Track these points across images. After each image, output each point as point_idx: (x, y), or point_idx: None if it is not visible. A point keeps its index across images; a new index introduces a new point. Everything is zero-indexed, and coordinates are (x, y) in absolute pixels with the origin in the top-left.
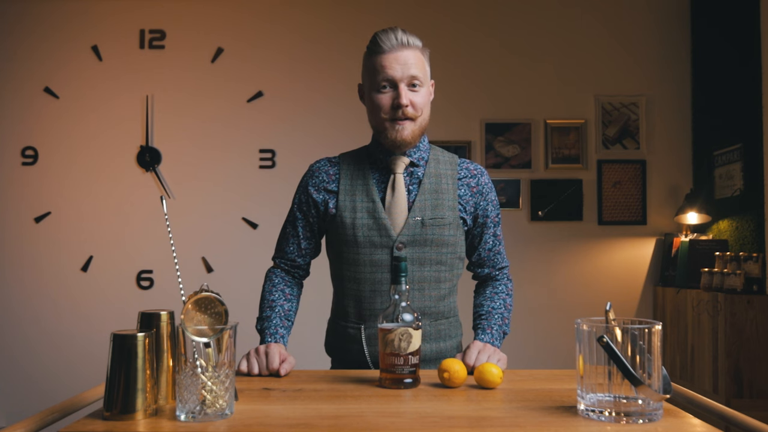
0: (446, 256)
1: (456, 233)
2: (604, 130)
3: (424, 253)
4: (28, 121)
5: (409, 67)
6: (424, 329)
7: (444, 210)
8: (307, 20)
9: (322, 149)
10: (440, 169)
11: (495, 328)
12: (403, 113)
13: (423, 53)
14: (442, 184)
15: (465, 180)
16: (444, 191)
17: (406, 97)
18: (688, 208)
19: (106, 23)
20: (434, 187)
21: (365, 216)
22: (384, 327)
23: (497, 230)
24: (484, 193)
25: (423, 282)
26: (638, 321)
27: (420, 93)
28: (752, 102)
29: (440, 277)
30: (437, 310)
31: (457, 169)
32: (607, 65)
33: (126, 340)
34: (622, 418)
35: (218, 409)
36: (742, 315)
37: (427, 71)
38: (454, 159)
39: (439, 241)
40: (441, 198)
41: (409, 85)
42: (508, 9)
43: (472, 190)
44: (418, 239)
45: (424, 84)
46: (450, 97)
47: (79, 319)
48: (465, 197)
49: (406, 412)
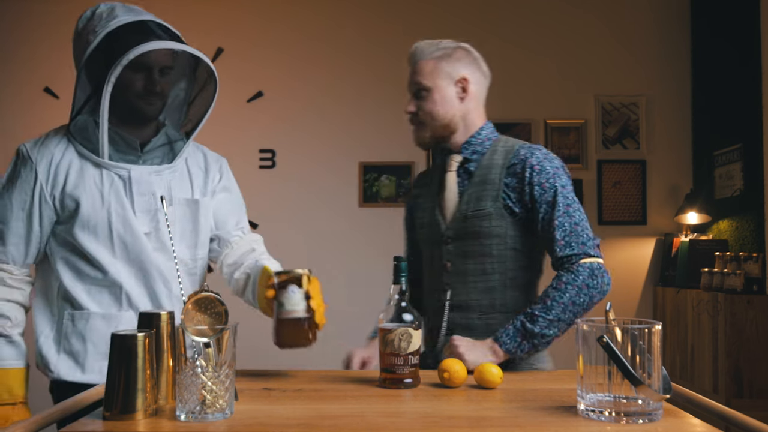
0: (492, 247)
1: (502, 224)
2: (604, 130)
3: (467, 246)
4: (28, 121)
5: (416, 77)
6: (472, 323)
7: (486, 201)
8: (307, 20)
9: (322, 149)
10: (493, 160)
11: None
12: (410, 120)
13: (439, 61)
14: (490, 175)
15: (513, 167)
16: (490, 182)
17: (411, 106)
18: (688, 208)
19: None
20: (481, 179)
21: (426, 215)
22: (384, 327)
23: (553, 214)
24: (528, 176)
25: (467, 275)
26: (638, 321)
27: (427, 99)
28: (752, 102)
29: (486, 269)
30: (486, 303)
31: (510, 157)
32: (607, 65)
33: (126, 340)
34: (622, 418)
35: (218, 409)
36: (742, 315)
37: (445, 75)
38: (512, 147)
39: (481, 233)
40: (486, 189)
41: (415, 93)
42: (508, 9)
43: (518, 176)
44: (461, 233)
45: (434, 90)
46: None
47: None
48: (511, 185)
49: (406, 412)
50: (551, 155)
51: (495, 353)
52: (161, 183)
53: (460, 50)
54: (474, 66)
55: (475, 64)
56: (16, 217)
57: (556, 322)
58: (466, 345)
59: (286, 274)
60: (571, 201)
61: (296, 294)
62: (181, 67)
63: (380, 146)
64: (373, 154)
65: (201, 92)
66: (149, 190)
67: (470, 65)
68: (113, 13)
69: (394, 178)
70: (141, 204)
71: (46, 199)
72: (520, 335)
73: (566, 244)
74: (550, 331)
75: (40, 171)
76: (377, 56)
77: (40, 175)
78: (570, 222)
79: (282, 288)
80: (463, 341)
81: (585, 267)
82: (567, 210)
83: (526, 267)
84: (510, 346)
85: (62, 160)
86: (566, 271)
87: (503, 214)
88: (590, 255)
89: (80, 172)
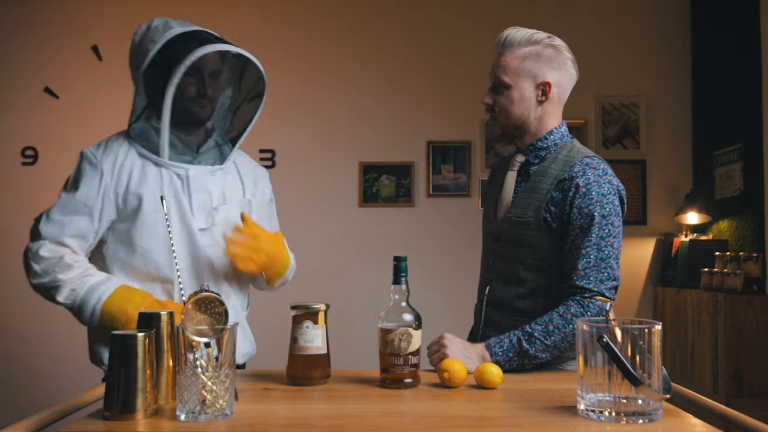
0: (527, 256)
1: (538, 235)
2: (604, 130)
3: (507, 249)
4: (28, 121)
5: (498, 70)
6: (502, 321)
7: (530, 210)
8: (307, 20)
9: (322, 149)
10: (550, 169)
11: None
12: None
13: (525, 59)
14: (541, 184)
15: (563, 183)
16: (538, 191)
17: (488, 97)
18: (688, 208)
19: (106, 23)
20: (533, 186)
21: (486, 208)
22: (384, 327)
23: (583, 241)
24: (571, 196)
25: (505, 276)
26: (638, 321)
27: (505, 96)
28: (752, 102)
29: (520, 276)
30: (516, 307)
31: (566, 170)
32: (607, 65)
33: (126, 340)
34: (622, 418)
35: (218, 409)
36: (742, 315)
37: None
38: (572, 159)
39: (518, 240)
40: (533, 197)
41: (494, 85)
42: (508, 9)
43: (564, 192)
44: (504, 235)
45: (514, 88)
46: (451, 97)
47: None
48: (556, 199)
49: (406, 412)
50: (605, 178)
51: (483, 360)
52: (215, 182)
53: (551, 49)
54: (562, 69)
55: (563, 66)
56: (80, 212)
57: (551, 348)
58: (456, 346)
59: (302, 309)
60: (606, 234)
61: (311, 331)
62: (229, 71)
63: (380, 146)
64: (373, 154)
65: (246, 101)
66: (205, 188)
67: (558, 68)
68: (168, 25)
69: (394, 178)
70: (197, 201)
71: (109, 196)
72: (513, 351)
73: (585, 275)
74: (543, 355)
75: (105, 170)
76: (377, 56)
77: (106, 175)
78: (596, 256)
79: (297, 323)
80: (453, 341)
81: (595, 305)
82: (598, 243)
83: (558, 278)
84: (501, 358)
85: (125, 161)
86: (577, 304)
87: (542, 226)
88: (604, 295)
89: (142, 172)
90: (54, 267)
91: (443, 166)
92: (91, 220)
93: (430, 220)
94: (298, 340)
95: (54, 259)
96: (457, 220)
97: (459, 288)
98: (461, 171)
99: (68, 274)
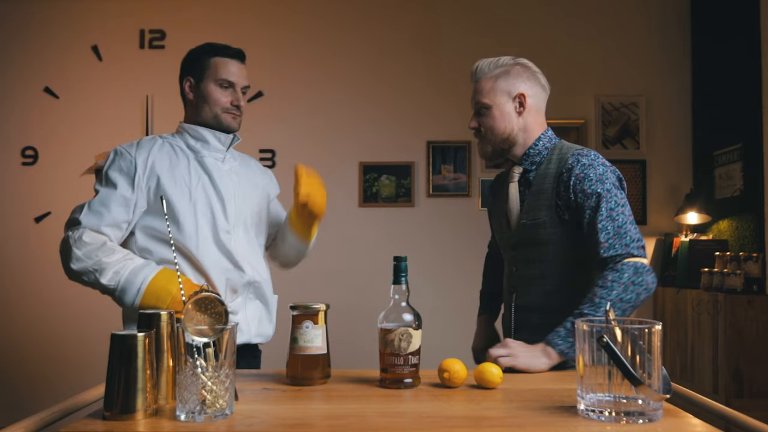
0: (548, 254)
1: (556, 230)
2: (604, 130)
3: (528, 253)
4: (28, 121)
5: (476, 95)
6: (534, 323)
7: (541, 210)
8: (307, 20)
9: (322, 149)
10: (548, 170)
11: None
12: (474, 135)
13: (497, 79)
14: (544, 185)
15: (562, 177)
16: (544, 191)
17: (474, 122)
18: (688, 208)
19: (106, 23)
20: (538, 189)
21: (497, 223)
22: (384, 327)
23: (596, 218)
24: (572, 184)
25: (528, 279)
26: (638, 321)
27: (487, 116)
28: (752, 102)
29: (545, 274)
30: (545, 305)
31: (561, 166)
32: (607, 65)
33: (126, 340)
34: (622, 418)
35: (218, 409)
36: (742, 315)
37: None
38: (564, 156)
39: (538, 241)
40: (541, 198)
41: (477, 110)
42: (507, 9)
43: (565, 184)
44: (522, 241)
45: (493, 107)
46: (451, 97)
47: (80, 319)
48: (560, 193)
49: (406, 412)
50: (597, 162)
51: (548, 356)
52: (239, 180)
53: (518, 66)
54: (532, 80)
55: (533, 78)
56: (117, 203)
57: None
58: (522, 348)
59: (302, 309)
60: (615, 205)
61: (310, 331)
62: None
63: (380, 146)
64: (373, 154)
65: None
66: (231, 184)
67: (528, 80)
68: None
69: (394, 178)
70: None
71: (142, 189)
72: (572, 335)
73: (610, 246)
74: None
75: (139, 164)
76: (378, 56)
77: (139, 168)
78: (613, 225)
79: (297, 323)
80: (517, 344)
81: (629, 266)
82: (610, 214)
83: (583, 268)
84: (563, 347)
85: (157, 157)
86: (611, 270)
87: (556, 222)
88: (633, 255)
89: (171, 168)
90: (97, 251)
91: (443, 166)
92: (127, 211)
93: (430, 220)
94: (298, 340)
95: (96, 244)
96: (457, 220)
97: (459, 288)
98: (461, 171)
99: (111, 257)
